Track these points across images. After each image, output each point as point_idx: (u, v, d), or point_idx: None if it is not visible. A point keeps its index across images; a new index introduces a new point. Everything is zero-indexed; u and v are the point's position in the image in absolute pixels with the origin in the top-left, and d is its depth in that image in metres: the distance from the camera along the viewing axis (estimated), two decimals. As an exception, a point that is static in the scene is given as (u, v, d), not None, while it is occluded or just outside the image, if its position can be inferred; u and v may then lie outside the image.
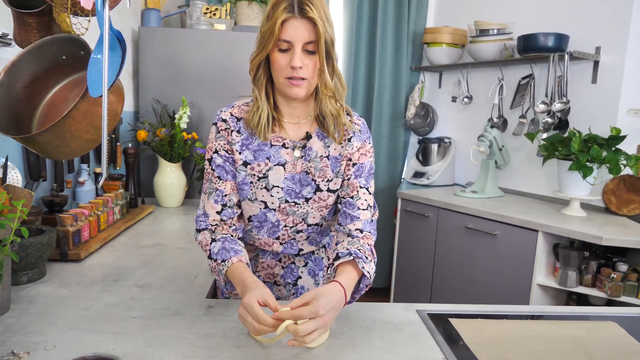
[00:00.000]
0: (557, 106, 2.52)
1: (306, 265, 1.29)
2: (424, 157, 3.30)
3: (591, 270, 2.14)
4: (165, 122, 2.43)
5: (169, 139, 2.30)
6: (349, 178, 1.16)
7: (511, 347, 1.03)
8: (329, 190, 1.17)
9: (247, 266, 1.06)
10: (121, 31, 1.11)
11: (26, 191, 1.12)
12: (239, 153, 1.14)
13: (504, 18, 2.89)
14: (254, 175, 1.14)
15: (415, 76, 3.48)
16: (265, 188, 1.15)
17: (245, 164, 1.14)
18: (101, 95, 1.05)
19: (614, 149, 2.22)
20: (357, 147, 1.16)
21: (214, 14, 2.77)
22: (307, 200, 1.17)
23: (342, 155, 1.15)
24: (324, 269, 1.32)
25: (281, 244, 1.23)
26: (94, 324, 1.04)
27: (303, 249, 1.26)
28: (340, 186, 1.18)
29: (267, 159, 1.14)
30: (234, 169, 1.16)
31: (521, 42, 2.60)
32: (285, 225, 1.20)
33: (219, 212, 1.15)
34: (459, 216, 2.59)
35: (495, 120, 2.95)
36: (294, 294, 1.29)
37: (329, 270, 1.06)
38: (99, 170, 2.09)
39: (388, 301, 2.98)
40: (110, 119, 1.10)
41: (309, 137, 1.14)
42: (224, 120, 1.14)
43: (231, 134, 1.14)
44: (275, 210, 1.17)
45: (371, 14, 3.36)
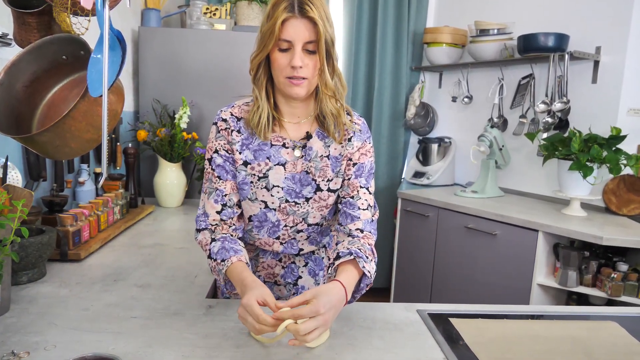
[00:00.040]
0: (557, 106, 2.52)
1: (306, 265, 1.29)
2: (424, 157, 3.30)
3: (591, 270, 2.14)
4: (165, 122, 2.43)
5: (169, 139, 2.30)
6: (349, 178, 1.16)
7: (511, 347, 1.03)
8: (329, 190, 1.16)
9: (246, 266, 1.05)
10: (121, 31, 1.11)
11: (26, 191, 1.12)
12: (239, 153, 1.14)
13: (504, 18, 2.89)
14: (254, 175, 1.14)
15: (415, 76, 3.47)
16: (266, 188, 1.15)
17: (245, 163, 1.14)
18: (101, 95, 1.05)
19: (614, 148, 2.22)
20: (358, 147, 1.16)
21: (214, 14, 2.77)
22: (307, 200, 1.16)
23: (342, 155, 1.15)
24: (325, 268, 1.32)
25: (281, 243, 1.23)
26: (94, 324, 1.04)
27: (303, 248, 1.26)
28: (340, 186, 1.18)
29: (268, 158, 1.13)
30: (234, 169, 1.15)
31: (521, 42, 2.60)
32: (286, 225, 1.20)
33: (218, 212, 1.15)
34: (459, 216, 2.58)
35: (496, 120, 2.95)
36: (294, 293, 1.29)
37: (329, 269, 1.06)
38: (99, 170, 2.09)
39: (388, 301, 2.97)
40: (110, 118, 1.10)
41: (309, 136, 1.14)
42: (224, 120, 1.14)
43: (231, 134, 1.14)
44: (275, 210, 1.17)
45: (371, 14, 3.36)
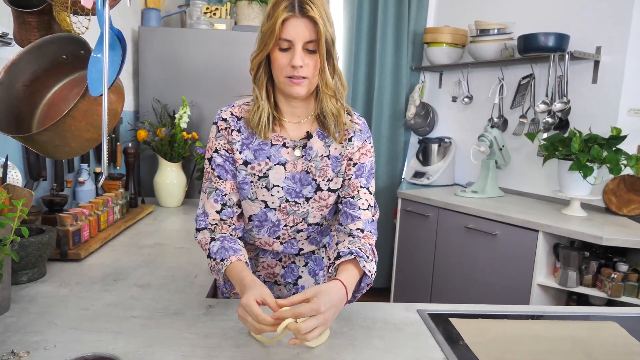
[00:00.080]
0: (557, 106, 2.52)
1: (306, 264, 1.29)
2: (424, 157, 3.30)
3: (591, 270, 2.14)
4: (165, 122, 2.43)
5: (169, 138, 2.30)
6: (349, 178, 1.16)
7: (511, 347, 1.03)
8: (329, 189, 1.16)
9: (246, 265, 1.05)
10: (121, 30, 1.11)
11: (26, 190, 1.12)
12: (240, 152, 1.13)
13: (504, 18, 2.89)
14: (254, 174, 1.14)
15: (416, 76, 3.47)
16: (266, 187, 1.15)
17: (245, 163, 1.14)
18: (101, 95, 1.05)
19: (614, 148, 2.22)
20: (358, 147, 1.16)
21: (214, 14, 2.77)
22: (307, 200, 1.16)
23: (342, 154, 1.15)
24: (325, 268, 1.32)
25: (281, 243, 1.23)
26: (94, 323, 1.04)
27: (303, 248, 1.26)
28: (340, 186, 1.17)
29: (268, 158, 1.13)
30: (234, 169, 1.15)
31: (521, 42, 2.60)
32: (286, 225, 1.20)
33: (218, 212, 1.15)
34: (459, 216, 2.58)
35: (496, 120, 2.95)
36: (294, 293, 1.28)
37: (330, 269, 1.06)
38: (99, 169, 2.09)
39: (388, 301, 2.97)
40: (110, 118, 1.10)
41: (309, 136, 1.14)
42: (225, 120, 1.14)
43: (231, 134, 1.14)
44: (275, 210, 1.17)
45: (371, 14, 3.36)
